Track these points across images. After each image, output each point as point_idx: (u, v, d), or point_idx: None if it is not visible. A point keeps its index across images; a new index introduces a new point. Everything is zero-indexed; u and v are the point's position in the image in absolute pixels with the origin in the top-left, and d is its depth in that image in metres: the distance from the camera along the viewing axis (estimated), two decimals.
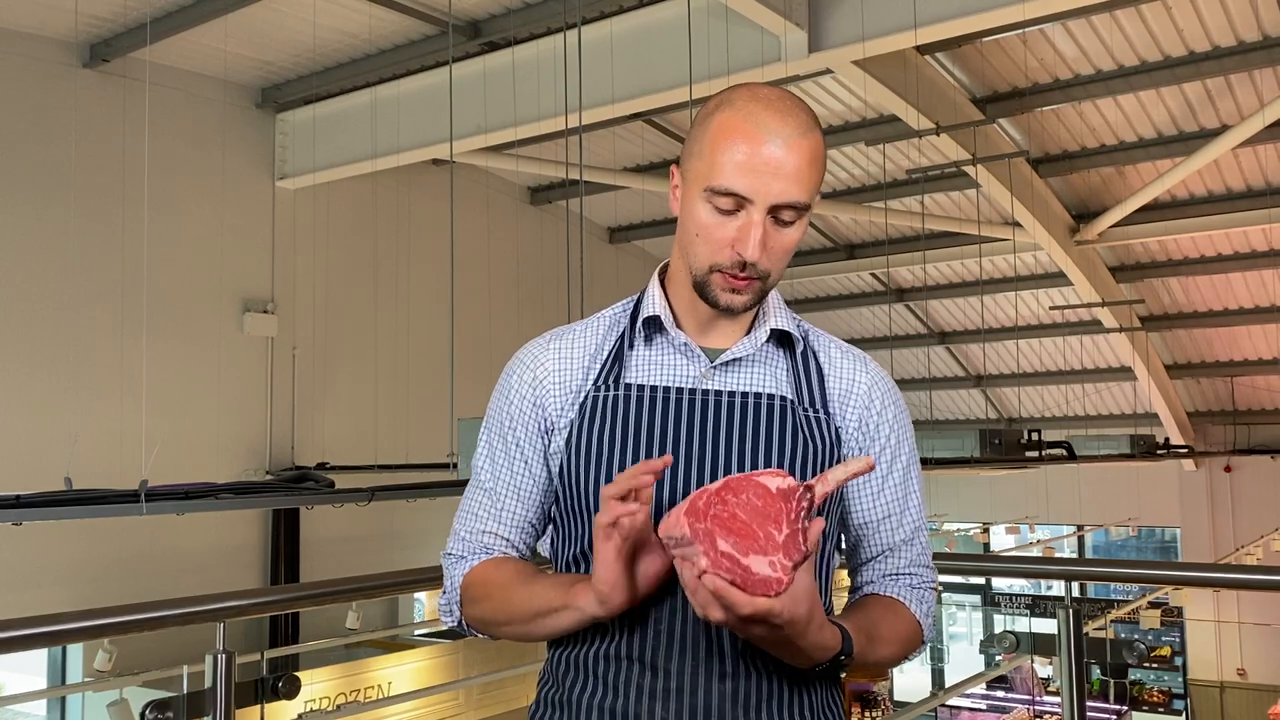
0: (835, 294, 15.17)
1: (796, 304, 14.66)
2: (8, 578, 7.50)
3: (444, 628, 4.60)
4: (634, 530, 1.23)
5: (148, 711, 2.15)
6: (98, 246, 8.56)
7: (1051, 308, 13.87)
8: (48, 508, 4.51)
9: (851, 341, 1.57)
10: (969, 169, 9.82)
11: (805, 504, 1.20)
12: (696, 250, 1.39)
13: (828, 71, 8.55)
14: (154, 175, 7.65)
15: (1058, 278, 12.67)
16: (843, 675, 1.50)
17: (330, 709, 6.71)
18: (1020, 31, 8.50)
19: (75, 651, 7.99)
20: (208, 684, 2.18)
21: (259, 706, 2.35)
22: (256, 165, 9.92)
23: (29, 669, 8.39)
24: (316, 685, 7.31)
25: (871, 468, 1.25)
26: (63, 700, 8.27)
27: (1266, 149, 10.18)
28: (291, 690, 2.37)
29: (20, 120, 8.33)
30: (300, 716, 4.72)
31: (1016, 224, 11.02)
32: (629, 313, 1.51)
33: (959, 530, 14.60)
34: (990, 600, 15.42)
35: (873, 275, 14.45)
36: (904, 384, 15.57)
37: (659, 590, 1.31)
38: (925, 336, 15.42)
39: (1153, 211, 11.24)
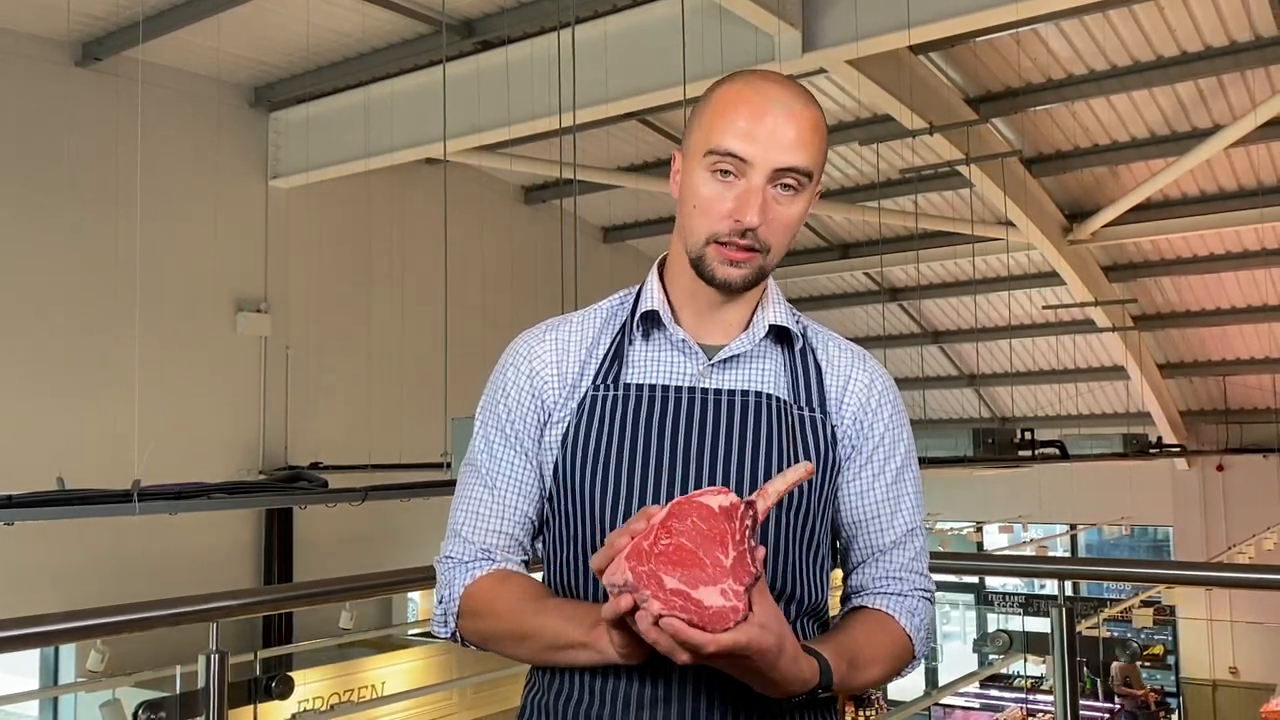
0: (829, 293, 15.18)
1: (790, 304, 14.65)
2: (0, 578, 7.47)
3: None
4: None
5: (141, 712, 2.15)
6: (90, 245, 8.54)
7: (1044, 307, 13.89)
8: (40, 507, 4.50)
9: None
10: (962, 169, 9.83)
11: (749, 522, 1.18)
12: (694, 224, 1.37)
13: (821, 71, 8.55)
14: (147, 174, 7.62)
15: (1051, 277, 12.69)
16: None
17: (324, 709, 6.70)
18: (1013, 31, 8.51)
19: (68, 652, 7.97)
20: (201, 684, 2.18)
21: (252, 707, 2.35)
22: (250, 164, 9.90)
23: (21, 669, 8.35)
24: (310, 685, 7.31)
25: (811, 473, 1.22)
26: (55, 701, 8.25)
27: (1259, 149, 10.20)
28: (285, 690, 2.37)
29: (12, 119, 8.30)
30: (294, 717, 4.71)
31: (1010, 223, 11.03)
32: (627, 306, 1.48)
33: (952, 529, 14.64)
34: (984, 599, 15.45)
35: (866, 275, 14.46)
36: (897, 383, 15.53)
37: None
38: (919, 336, 15.44)
39: (1145, 211, 11.25)
